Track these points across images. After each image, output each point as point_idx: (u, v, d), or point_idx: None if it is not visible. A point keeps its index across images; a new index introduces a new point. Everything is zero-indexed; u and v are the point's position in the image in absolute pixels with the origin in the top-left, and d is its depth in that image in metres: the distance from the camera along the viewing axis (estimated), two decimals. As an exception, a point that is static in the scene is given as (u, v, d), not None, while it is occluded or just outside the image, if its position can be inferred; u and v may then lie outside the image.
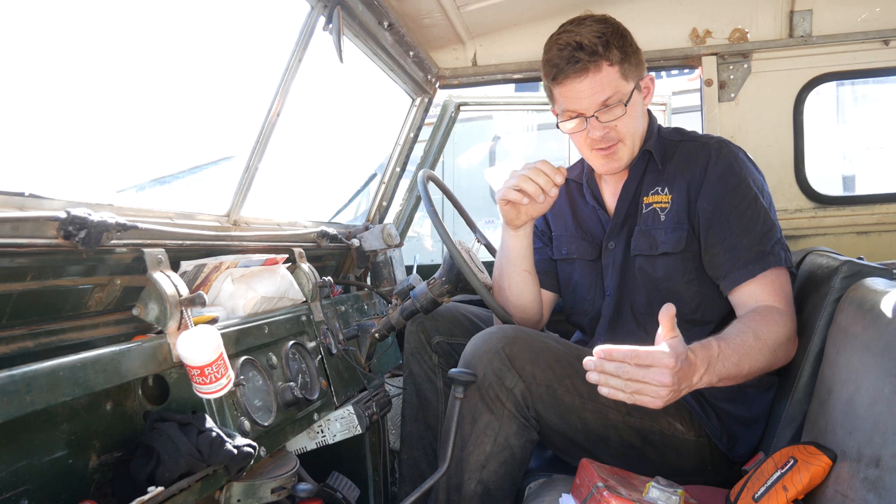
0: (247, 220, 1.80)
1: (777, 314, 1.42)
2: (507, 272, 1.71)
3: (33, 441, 0.98)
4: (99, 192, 1.73)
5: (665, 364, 1.15)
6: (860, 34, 2.36)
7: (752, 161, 1.61)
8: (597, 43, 1.51)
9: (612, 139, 1.58)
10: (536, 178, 1.52)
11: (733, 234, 1.50)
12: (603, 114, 1.54)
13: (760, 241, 1.49)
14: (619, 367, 1.17)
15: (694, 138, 1.65)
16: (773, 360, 1.39)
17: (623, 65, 1.54)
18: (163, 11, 9.02)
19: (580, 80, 1.53)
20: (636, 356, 1.16)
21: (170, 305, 1.19)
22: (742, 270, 1.48)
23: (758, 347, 1.34)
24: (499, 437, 1.45)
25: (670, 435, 1.52)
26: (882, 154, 6.01)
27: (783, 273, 1.49)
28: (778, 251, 1.48)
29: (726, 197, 1.53)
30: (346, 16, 1.85)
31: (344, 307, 2.05)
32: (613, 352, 1.17)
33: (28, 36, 7.21)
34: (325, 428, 1.65)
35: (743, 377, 1.35)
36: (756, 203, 1.52)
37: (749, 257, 1.48)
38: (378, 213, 2.76)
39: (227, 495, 1.25)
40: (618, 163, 1.62)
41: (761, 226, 1.50)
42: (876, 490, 1.00)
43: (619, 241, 1.66)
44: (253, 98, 2.01)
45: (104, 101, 9.53)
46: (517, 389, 1.43)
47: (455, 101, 2.93)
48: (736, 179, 1.54)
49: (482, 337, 1.50)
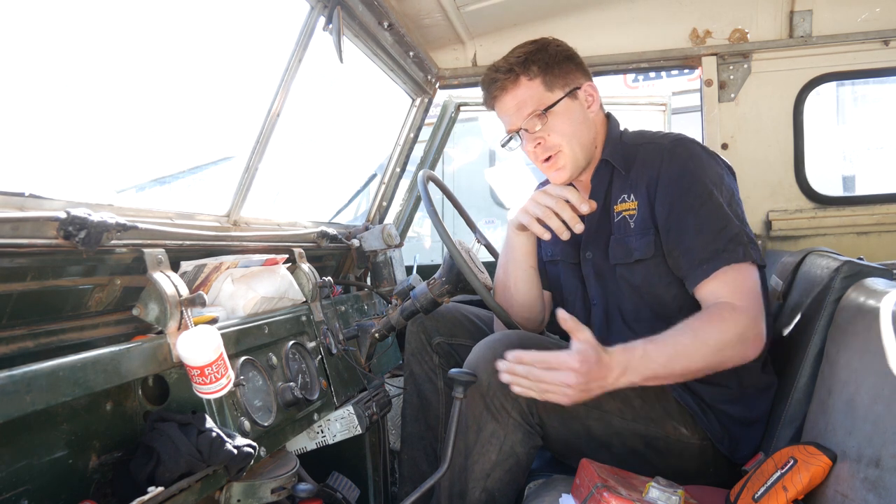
0: (247, 220, 1.80)
1: (729, 311, 1.38)
2: (513, 271, 1.71)
3: (33, 441, 0.98)
4: (99, 192, 1.73)
5: (569, 367, 1.26)
6: (860, 34, 2.37)
7: (710, 154, 1.57)
8: (514, 63, 1.58)
9: (550, 149, 1.59)
10: (562, 212, 1.51)
11: (689, 234, 1.47)
12: (530, 124, 1.57)
13: (715, 238, 1.45)
14: (528, 370, 1.29)
15: (651, 139, 1.62)
16: (721, 359, 1.37)
17: (545, 77, 1.58)
18: (163, 11, 9.02)
19: (503, 97, 1.61)
20: (543, 361, 1.28)
21: (170, 305, 1.19)
22: (698, 270, 1.45)
23: (695, 347, 1.34)
24: (504, 445, 1.44)
25: (675, 439, 1.52)
26: (882, 154, 6.00)
27: (743, 268, 1.44)
28: (733, 247, 1.44)
29: (680, 198, 1.50)
30: (346, 16, 1.85)
31: (344, 307, 2.05)
32: (524, 357, 1.30)
33: (28, 36, 7.21)
34: (325, 428, 1.65)
35: (679, 376, 1.37)
36: (710, 200, 1.48)
37: (704, 256, 1.45)
38: (378, 213, 2.76)
39: (227, 495, 1.25)
40: (562, 171, 1.61)
41: (715, 223, 1.46)
42: (876, 490, 1.00)
43: (596, 251, 1.65)
44: (253, 98, 2.01)
45: (104, 101, 9.53)
46: (522, 398, 1.42)
47: (455, 101, 2.93)
48: (689, 179, 1.51)
49: (486, 344, 1.48)
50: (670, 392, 1.53)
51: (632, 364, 1.31)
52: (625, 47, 2.54)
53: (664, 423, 1.51)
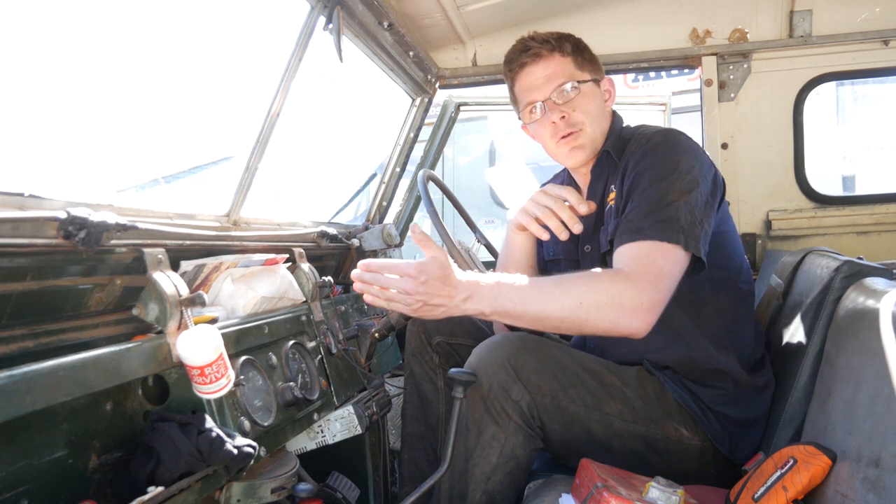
0: (247, 220, 1.80)
1: (613, 275, 1.34)
2: (512, 271, 1.71)
3: (33, 441, 0.98)
4: (99, 192, 1.73)
5: (408, 273, 1.30)
6: (860, 34, 2.36)
7: (693, 148, 1.50)
8: (548, 37, 1.60)
9: (573, 125, 1.59)
10: (561, 212, 1.51)
11: (631, 208, 1.45)
12: (559, 96, 1.58)
13: (647, 214, 1.40)
14: (374, 277, 1.33)
15: (642, 131, 1.60)
16: (585, 316, 1.31)
17: (576, 57, 1.60)
18: (163, 12, 9.05)
19: (534, 65, 1.60)
20: (387, 267, 1.33)
21: (170, 305, 1.19)
22: (618, 240, 1.42)
23: (554, 294, 1.32)
24: (505, 448, 1.43)
25: (676, 440, 1.52)
26: (882, 154, 6.01)
27: (662, 247, 1.36)
28: (661, 227, 1.37)
29: (637, 177, 1.48)
30: (346, 16, 1.85)
31: (344, 307, 2.05)
32: (371, 264, 1.35)
33: (29, 36, 7.23)
34: (325, 428, 1.65)
35: (532, 320, 1.34)
36: (661, 182, 1.43)
37: (626, 228, 1.41)
38: (378, 213, 2.76)
39: (227, 495, 1.26)
40: (581, 151, 1.61)
41: (655, 202, 1.40)
42: (876, 490, 1.00)
43: (593, 244, 1.66)
44: (253, 98, 2.01)
45: (104, 101, 9.56)
46: (523, 401, 1.42)
47: (455, 101, 2.93)
48: (652, 159, 1.47)
49: (486, 347, 1.48)
50: (670, 393, 1.53)
51: (479, 292, 1.32)
52: (625, 47, 2.54)
53: (665, 425, 1.51)
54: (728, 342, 1.55)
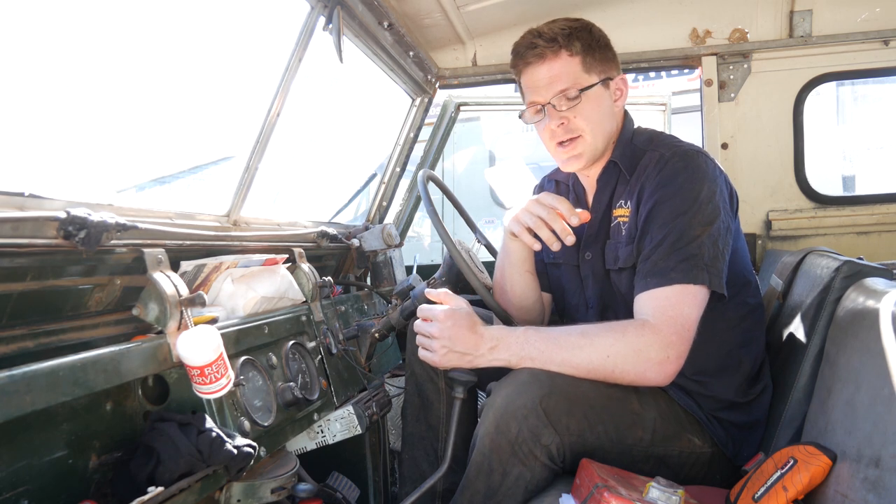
0: (247, 220, 1.80)
1: (638, 326, 1.36)
2: (510, 274, 1.71)
3: (33, 441, 0.98)
4: (99, 192, 1.73)
5: (436, 317, 1.39)
6: (860, 34, 2.37)
7: (712, 172, 1.48)
8: (558, 33, 1.52)
9: (571, 131, 1.55)
10: (553, 223, 1.47)
11: (650, 245, 1.43)
12: (559, 102, 1.53)
13: (669, 254, 1.39)
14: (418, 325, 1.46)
15: (658, 146, 1.55)
16: (611, 367, 1.34)
17: (585, 57, 1.53)
18: (163, 12, 9.06)
19: (538, 65, 1.55)
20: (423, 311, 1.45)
21: (170, 305, 1.19)
22: (641, 282, 1.42)
23: (580, 345, 1.36)
24: (529, 485, 1.37)
25: (688, 452, 1.50)
26: (882, 154, 6.01)
27: (684, 290, 1.37)
28: (684, 267, 1.37)
29: (656, 207, 1.45)
30: (346, 16, 1.85)
31: (344, 307, 2.05)
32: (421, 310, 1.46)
33: (29, 37, 7.24)
34: (325, 428, 1.65)
35: (557, 366, 1.37)
36: (684, 216, 1.41)
37: (650, 270, 1.41)
38: (378, 213, 2.76)
39: (227, 495, 1.25)
40: (578, 160, 1.58)
41: (678, 240, 1.39)
42: (876, 490, 1.00)
43: (595, 253, 1.62)
44: (253, 98, 2.01)
45: (104, 101, 9.57)
46: (553, 445, 1.35)
47: (455, 101, 2.93)
48: (672, 190, 1.44)
49: (517, 389, 1.36)
50: (676, 401, 1.52)
51: (506, 341, 1.35)
52: (625, 47, 2.53)
53: (679, 438, 1.48)
54: (736, 356, 1.54)
